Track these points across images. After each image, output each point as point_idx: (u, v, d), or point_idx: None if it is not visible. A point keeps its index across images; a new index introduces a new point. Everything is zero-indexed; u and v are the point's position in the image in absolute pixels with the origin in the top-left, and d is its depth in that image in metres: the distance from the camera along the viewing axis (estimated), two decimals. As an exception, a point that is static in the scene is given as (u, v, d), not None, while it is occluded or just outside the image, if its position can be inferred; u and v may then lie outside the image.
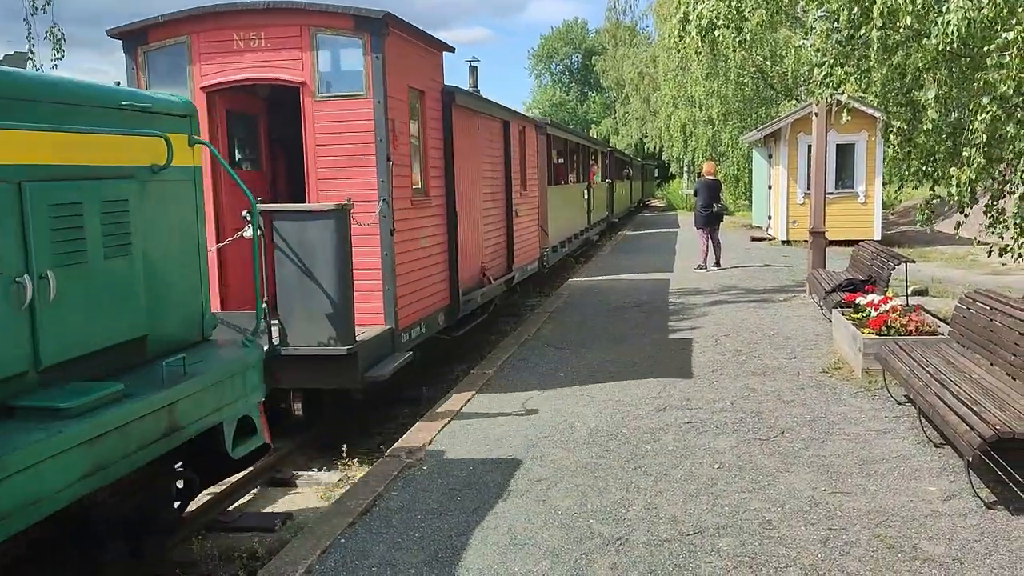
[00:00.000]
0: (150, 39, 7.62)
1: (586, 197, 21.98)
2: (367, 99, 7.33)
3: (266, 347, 6.19)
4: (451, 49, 9.34)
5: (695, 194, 17.44)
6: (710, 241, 16.58)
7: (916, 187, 11.15)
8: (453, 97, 9.31)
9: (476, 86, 14.42)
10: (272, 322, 6.42)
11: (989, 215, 8.26)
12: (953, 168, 7.90)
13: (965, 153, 7.64)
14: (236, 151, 8.63)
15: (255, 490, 6.43)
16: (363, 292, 7.19)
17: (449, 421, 6.92)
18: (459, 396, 7.70)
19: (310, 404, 7.11)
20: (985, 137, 7.20)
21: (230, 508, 6.04)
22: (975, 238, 9.45)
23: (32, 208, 3.69)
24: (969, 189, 7.63)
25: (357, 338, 6.73)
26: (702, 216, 16.50)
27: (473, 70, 14.68)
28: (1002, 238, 8.14)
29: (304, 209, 6.71)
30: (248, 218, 5.89)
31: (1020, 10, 6.64)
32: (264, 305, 6.28)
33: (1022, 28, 6.54)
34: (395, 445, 6.45)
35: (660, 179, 60.53)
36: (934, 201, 9.06)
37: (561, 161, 19.21)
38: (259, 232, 6.05)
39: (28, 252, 3.68)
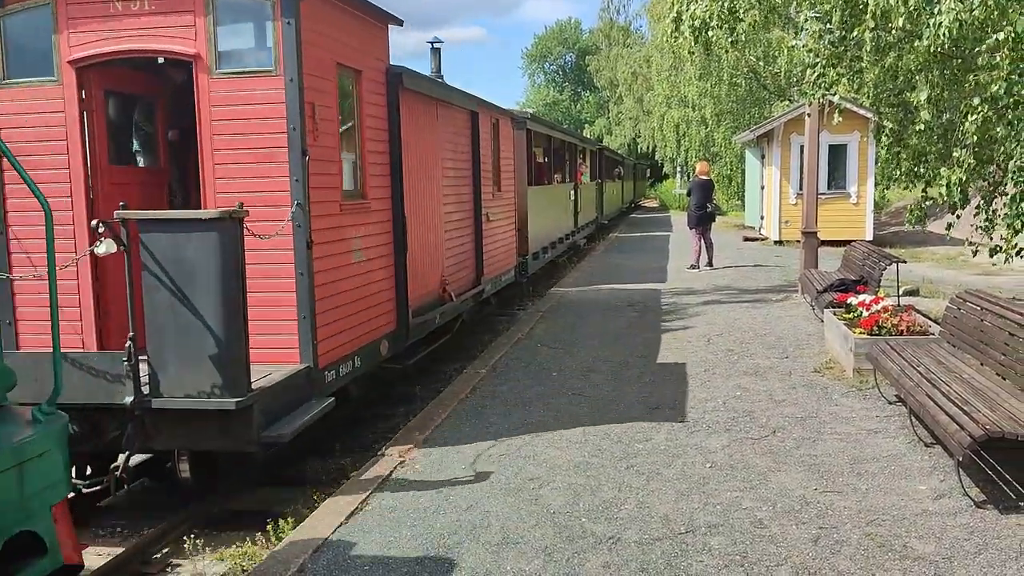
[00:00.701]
0: (6, 0, 6.22)
1: (573, 198, 20.74)
2: (277, 77, 5.89)
3: (130, 398, 5.05)
4: (399, 21, 7.79)
5: (688, 194, 17.44)
6: (703, 241, 16.64)
7: (908, 188, 11.18)
8: (400, 79, 7.67)
9: (439, 71, 12.61)
10: (141, 359, 5.12)
11: (985, 217, 8.29)
12: (943, 168, 7.94)
13: (955, 154, 7.68)
14: (130, 143, 7.27)
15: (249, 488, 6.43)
16: (270, 322, 5.90)
17: (441, 421, 6.94)
18: (453, 394, 7.72)
19: (200, 464, 5.70)
20: (976, 138, 7.24)
21: (223, 506, 6.04)
22: (966, 239, 9.50)
23: None
24: (959, 190, 7.67)
25: (254, 385, 5.26)
26: (695, 216, 16.56)
27: (436, 52, 12.75)
28: (991, 238, 8.19)
29: (179, 218, 5.35)
30: (101, 230, 4.94)
31: (1011, 11, 6.68)
32: (119, 344, 5.08)
33: (1012, 29, 6.58)
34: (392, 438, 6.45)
35: (653, 179, 60.70)
36: (927, 203, 9.10)
37: (545, 159, 18.14)
38: (122, 247, 5.08)
39: None
